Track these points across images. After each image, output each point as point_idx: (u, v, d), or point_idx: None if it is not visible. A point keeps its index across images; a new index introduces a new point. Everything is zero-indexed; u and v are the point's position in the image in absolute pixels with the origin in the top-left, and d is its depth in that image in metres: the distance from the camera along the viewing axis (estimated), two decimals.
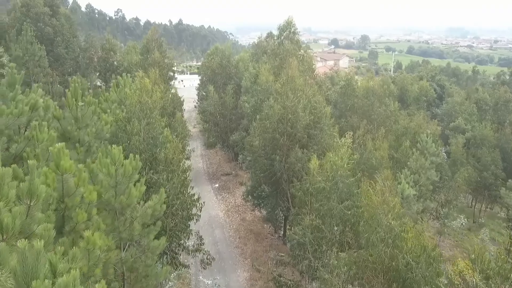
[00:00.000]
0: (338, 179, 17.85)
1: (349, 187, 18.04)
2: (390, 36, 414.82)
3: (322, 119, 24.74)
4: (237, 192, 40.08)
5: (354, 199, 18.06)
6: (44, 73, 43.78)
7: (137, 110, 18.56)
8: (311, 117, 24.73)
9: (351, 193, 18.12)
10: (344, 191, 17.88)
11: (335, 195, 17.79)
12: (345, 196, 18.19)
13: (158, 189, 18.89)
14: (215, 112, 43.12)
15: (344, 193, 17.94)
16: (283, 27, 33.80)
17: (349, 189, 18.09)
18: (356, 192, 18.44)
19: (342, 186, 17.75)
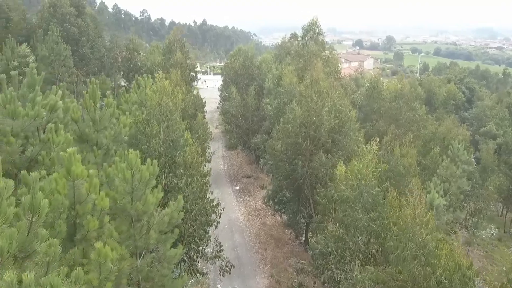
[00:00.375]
0: (363, 188, 16.96)
1: (374, 197, 17.13)
2: (416, 37, 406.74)
3: (347, 124, 23.82)
4: (257, 195, 39.44)
5: (380, 210, 17.13)
6: (69, 73, 44.19)
7: (157, 112, 18.14)
8: (336, 121, 23.85)
9: (377, 203, 17.19)
10: (369, 202, 16.97)
11: (359, 205, 16.91)
12: (370, 207, 17.28)
13: (177, 194, 18.50)
14: (237, 114, 42.60)
15: (369, 203, 17.03)
16: (307, 27, 32.93)
17: (375, 199, 17.17)
18: (382, 202, 17.51)
19: (367, 196, 16.84)
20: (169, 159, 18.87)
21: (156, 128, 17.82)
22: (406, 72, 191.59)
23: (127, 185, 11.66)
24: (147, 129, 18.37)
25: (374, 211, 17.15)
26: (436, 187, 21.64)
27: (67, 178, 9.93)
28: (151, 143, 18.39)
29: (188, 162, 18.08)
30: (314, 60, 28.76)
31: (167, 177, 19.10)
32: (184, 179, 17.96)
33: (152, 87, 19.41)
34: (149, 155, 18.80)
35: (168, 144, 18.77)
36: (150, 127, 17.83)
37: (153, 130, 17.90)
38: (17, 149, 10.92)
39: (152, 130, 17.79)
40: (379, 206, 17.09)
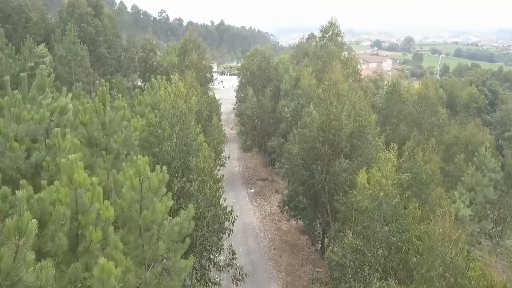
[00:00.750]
0: (383, 199, 16.05)
1: (394, 208, 16.20)
2: (435, 38, 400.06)
3: (367, 128, 22.88)
4: (272, 199, 38.67)
5: (400, 222, 16.19)
6: (86, 73, 44.17)
7: (171, 115, 17.58)
8: (356, 124, 22.93)
9: (397, 214, 16.26)
10: (389, 213, 16.05)
11: (378, 216, 16.01)
12: (390, 218, 16.35)
13: (189, 200, 17.89)
14: (253, 115, 41.89)
15: (389, 214, 16.12)
16: (325, 28, 32.00)
17: (395, 210, 16.24)
18: (403, 213, 16.56)
19: (386, 207, 15.93)
20: (182, 163, 18.29)
21: (168, 131, 17.25)
22: (425, 74, 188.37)
23: (135, 193, 11.08)
24: (160, 132, 17.84)
25: (394, 222, 16.22)
26: (462, 196, 20.55)
27: (69, 187, 9.38)
28: (163, 146, 17.85)
29: (200, 167, 17.43)
30: (333, 61, 27.86)
31: (179, 182, 18.52)
32: (197, 185, 17.33)
33: (166, 89, 18.86)
34: (161, 159, 18.28)
35: (181, 148, 18.19)
36: (162, 129, 17.27)
37: (165, 132, 17.34)
38: (21, 154, 10.42)
39: (165, 133, 17.22)
40: (399, 218, 16.16)
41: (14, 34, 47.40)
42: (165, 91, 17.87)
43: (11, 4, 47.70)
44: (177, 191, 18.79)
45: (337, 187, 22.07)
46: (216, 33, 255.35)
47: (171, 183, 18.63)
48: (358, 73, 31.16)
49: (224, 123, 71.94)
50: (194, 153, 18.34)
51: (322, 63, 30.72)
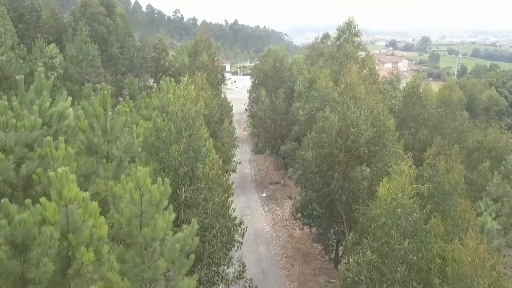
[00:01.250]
0: (401, 214, 14.85)
1: (414, 224, 14.99)
2: (452, 38, 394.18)
3: (386, 134, 21.63)
4: (285, 204, 37.58)
5: (421, 238, 14.97)
6: (97, 73, 43.67)
7: (179, 119, 16.66)
8: (373, 129, 21.70)
9: (418, 231, 15.04)
10: (409, 229, 14.84)
11: (396, 231, 14.81)
12: (410, 233, 15.13)
13: (196, 210, 16.94)
14: (265, 117, 40.83)
15: (408, 230, 14.91)
16: (342, 28, 30.75)
17: (415, 226, 15.03)
18: (424, 228, 15.32)
19: (405, 223, 14.73)
20: (189, 170, 17.35)
21: (174, 136, 16.35)
22: (442, 75, 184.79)
23: (134, 207, 10.16)
24: (166, 136, 16.95)
25: (414, 238, 15.00)
26: (488, 208, 19.19)
27: (58, 203, 8.49)
28: (170, 150, 16.95)
29: (207, 174, 16.45)
30: (350, 63, 26.60)
31: (187, 190, 17.60)
32: (204, 194, 16.37)
33: (175, 92, 17.94)
34: (167, 165, 17.38)
35: (190, 154, 17.25)
36: (169, 133, 16.39)
37: (171, 135, 16.44)
38: (8, 166, 9.55)
39: (171, 136, 16.34)
40: (420, 235, 14.93)
41: (26, 33, 47.23)
42: (173, 94, 16.95)
43: (23, 4, 47.45)
44: (184, 200, 17.89)
45: (355, 196, 20.86)
46: (230, 33, 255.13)
47: (178, 191, 17.75)
48: (376, 74, 29.85)
49: (237, 124, 71.16)
50: (203, 159, 17.39)
51: (338, 64, 29.47)
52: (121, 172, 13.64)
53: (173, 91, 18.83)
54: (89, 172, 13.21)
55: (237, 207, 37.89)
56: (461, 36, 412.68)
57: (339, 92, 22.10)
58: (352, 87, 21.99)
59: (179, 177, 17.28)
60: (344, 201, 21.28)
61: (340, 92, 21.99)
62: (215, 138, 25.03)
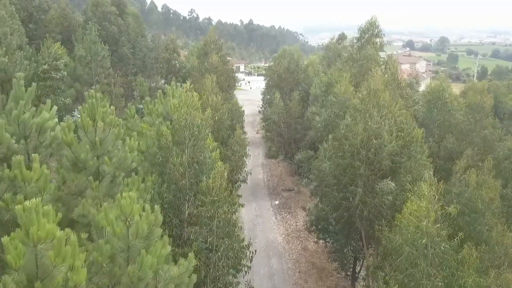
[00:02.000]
0: (428, 243, 12.96)
1: (443, 255, 13.08)
2: (471, 38, 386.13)
3: (412, 145, 19.68)
4: (298, 213, 35.75)
5: (452, 270, 13.06)
6: (106, 74, 42.47)
7: (181, 127, 15.07)
8: (399, 141, 19.77)
9: (448, 263, 13.13)
10: (437, 261, 12.95)
11: (423, 263, 12.93)
12: (438, 265, 13.23)
13: (200, 229, 15.32)
14: (279, 121, 39.03)
15: (436, 262, 13.01)
16: (364, 28, 28.70)
17: (444, 258, 13.12)
18: (455, 259, 13.41)
19: (432, 254, 12.84)
20: (193, 183, 15.73)
21: (175, 148, 14.79)
22: (462, 76, 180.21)
23: (118, 241, 8.54)
24: (169, 145, 15.39)
25: (443, 271, 13.09)
26: None
27: (25, 243, 6.91)
28: (171, 160, 15.35)
29: (211, 187, 14.76)
30: (373, 66, 24.70)
31: (191, 206, 15.98)
32: (209, 210, 14.70)
33: (181, 97, 16.36)
34: (168, 178, 15.78)
35: (193, 166, 15.64)
36: (170, 143, 14.84)
37: (171, 143, 14.88)
38: None
39: (172, 147, 14.79)
40: (451, 267, 13.02)
41: (36, 33, 46.31)
42: (176, 100, 15.39)
43: (33, 3, 46.54)
44: (188, 216, 16.27)
45: (377, 212, 18.92)
46: (244, 33, 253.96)
47: (182, 207, 16.14)
48: (400, 80, 27.71)
49: (249, 126, 69.48)
50: (208, 172, 15.75)
51: (358, 67, 27.45)
52: (114, 189, 12.13)
53: (177, 97, 17.30)
54: (78, 190, 11.70)
55: (248, 215, 36.37)
56: (480, 37, 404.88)
57: (361, 99, 20.18)
58: (376, 93, 20.05)
59: (181, 192, 15.69)
60: (365, 217, 19.35)
61: (361, 99, 20.07)
62: (225, 146, 23.41)
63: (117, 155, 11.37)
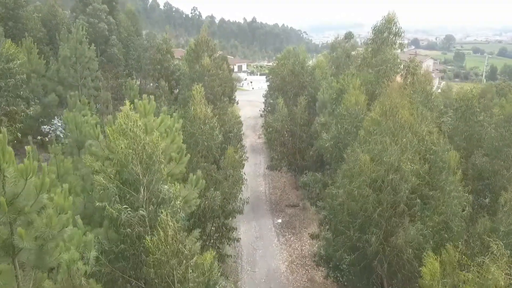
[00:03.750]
0: None
1: None
2: (477, 36, 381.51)
3: (444, 172, 15.79)
4: (304, 235, 31.90)
5: None
6: (93, 77, 38.71)
7: (130, 160, 11.03)
8: (425, 167, 15.87)
9: None
10: None
11: None
12: None
13: None
14: (282, 130, 35.10)
15: None
16: (380, 27, 24.60)
17: None
18: None
19: None
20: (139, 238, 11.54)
21: (113, 194, 10.85)
22: (470, 76, 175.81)
23: None
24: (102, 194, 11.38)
25: None
26: None
27: None
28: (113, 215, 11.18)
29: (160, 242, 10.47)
30: (393, 72, 20.84)
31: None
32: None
33: (113, 127, 12.05)
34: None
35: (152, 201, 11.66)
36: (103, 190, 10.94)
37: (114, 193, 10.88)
38: None
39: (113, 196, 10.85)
40: None
41: (18, 32, 42.54)
42: (111, 129, 11.35)
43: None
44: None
45: (400, 264, 15.06)
46: (248, 31, 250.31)
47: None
48: (430, 91, 23.49)
49: (251, 130, 65.63)
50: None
51: (375, 74, 23.38)
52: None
53: (148, 114, 13.45)
54: None
55: (248, 237, 32.45)
56: (486, 35, 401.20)
57: (373, 121, 16.26)
58: (393, 112, 16.13)
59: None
60: (386, 267, 15.48)
61: (374, 120, 16.14)
62: (217, 169, 19.56)
63: (38, 220, 7.52)
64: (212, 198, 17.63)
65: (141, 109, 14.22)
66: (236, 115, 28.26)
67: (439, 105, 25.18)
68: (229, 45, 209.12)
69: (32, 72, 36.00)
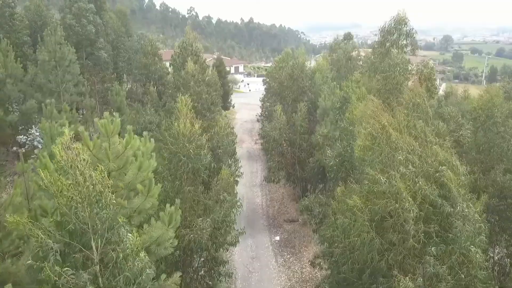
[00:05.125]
0: None
1: None
2: (474, 37, 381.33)
3: (458, 200, 13.10)
4: (304, 254, 29.21)
5: None
6: (75, 82, 35.87)
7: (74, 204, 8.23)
8: (435, 192, 13.16)
9: None
10: None
11: None
12: None
13: None
14: (280, 139, 32.37)
15: None
16: (388, 28, 21.79)
17: None
18: None
19: None
20: None
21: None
22: (470, 76, 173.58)
23: None
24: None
25: None
26: None
27: None
28: None
29: None
30: (404, 78, 18.14)
31: None
32: None
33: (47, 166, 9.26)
34: None
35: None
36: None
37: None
38: None
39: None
40: None
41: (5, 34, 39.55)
42: (43, 170, 8.53)
43: None
44: None
45: None
46: (245, 31, 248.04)
47: None
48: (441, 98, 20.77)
49: (248, 134, 62.98)
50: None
51: (382, 80, 20.56)
52: None
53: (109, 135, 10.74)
54: None
55: (242, 257, 29.53)
56: (483, 35, 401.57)
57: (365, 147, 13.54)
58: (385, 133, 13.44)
59: None
60: None
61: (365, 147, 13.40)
62: (206, 193, 16.75)
63: None
64: (199, 230, 14.92)
65: (102, 131, 11.45)
66: (228, 125, 25.41)
67: (455, 116, 22.41)
68: (226, 45, 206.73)
69: (7, 76, 33.18)
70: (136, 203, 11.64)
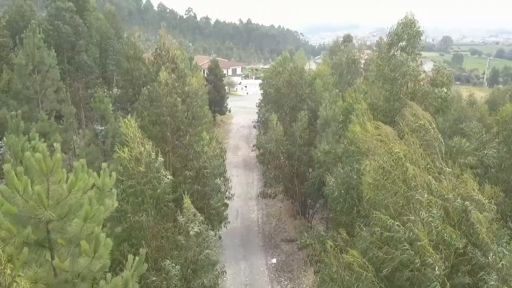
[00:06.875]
0: None
1: None
2: (473, 38, 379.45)
3: (481, 237, 10.47)
4: (304, 281, 26.40)
5: None
6: (54, 89, 32.91)
7: None
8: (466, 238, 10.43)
9: None
10: None
11: None
12: None
13: None
14: (277, 152, 29.51)
15: None
16: (396, 31, 18.96)
17: None
18: None
19: None
20: None
21: None
22: (471, 78, 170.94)
23: None
24: None
25: None
26: None
27: None
28: None
29: None
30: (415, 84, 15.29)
31: None
32: None
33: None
34: None
35: None
36: None
37: None
38: None
39: None
40: None
41: None
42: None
43: None
44: None
45: None
46: (243, 32, 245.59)
47: None
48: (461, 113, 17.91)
49: (244, 141, 60.18)
50: None
51: (391, 88, 17.69)
52: None
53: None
54: None
55: (234, 284, 26.82)
56: (482, 36, 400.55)
57: (374, 185, 10.82)
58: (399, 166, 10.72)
59: None
60: None
61: (373, 185, 10.69)
62: (174, 226, 13.80)
63: None
64: (167, 274, 12.07)
65: (37, 168, 8.64)
66: (217, 140, 22.44)
67: (478, 132, 19.58)
68: (224, 47, 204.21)
69: None
70: (81, 264, 8.82)
